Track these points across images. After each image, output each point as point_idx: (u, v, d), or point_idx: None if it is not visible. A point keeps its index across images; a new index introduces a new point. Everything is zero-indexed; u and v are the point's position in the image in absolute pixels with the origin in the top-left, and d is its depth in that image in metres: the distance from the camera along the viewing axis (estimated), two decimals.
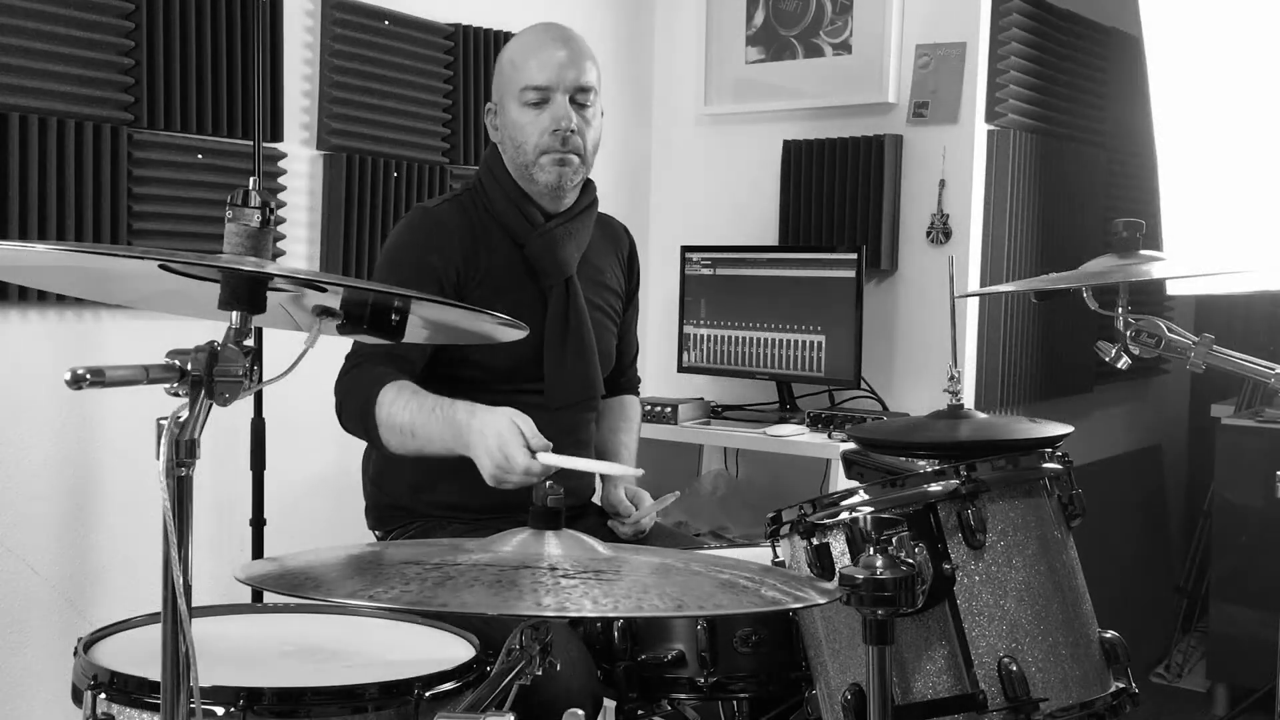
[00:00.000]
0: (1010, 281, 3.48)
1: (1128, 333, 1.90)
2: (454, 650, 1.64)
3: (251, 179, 2.51)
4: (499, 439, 1.88)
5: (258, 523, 2.87)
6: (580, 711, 1.28)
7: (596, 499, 2.43)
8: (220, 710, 1.40)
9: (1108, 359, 1.94)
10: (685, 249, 3.74)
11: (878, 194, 3.53)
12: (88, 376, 1.06)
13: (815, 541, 1.64)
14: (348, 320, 1.32)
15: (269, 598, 1.54)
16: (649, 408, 3.50)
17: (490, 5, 3.39)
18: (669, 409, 3.48)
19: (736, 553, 2.13)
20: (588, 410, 2.33)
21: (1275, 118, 3.63)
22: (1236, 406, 3.99)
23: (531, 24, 2.26)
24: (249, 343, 1.21)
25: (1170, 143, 3.86)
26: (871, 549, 1.45)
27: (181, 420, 1.14)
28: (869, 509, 1.61)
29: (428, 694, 1.47)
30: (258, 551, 2.87)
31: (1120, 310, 1.90)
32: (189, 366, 1.14)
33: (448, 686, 1.50)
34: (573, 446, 2.30)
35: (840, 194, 3.59)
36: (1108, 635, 1.70)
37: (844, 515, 1.63)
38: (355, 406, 2.05)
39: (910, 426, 2.26)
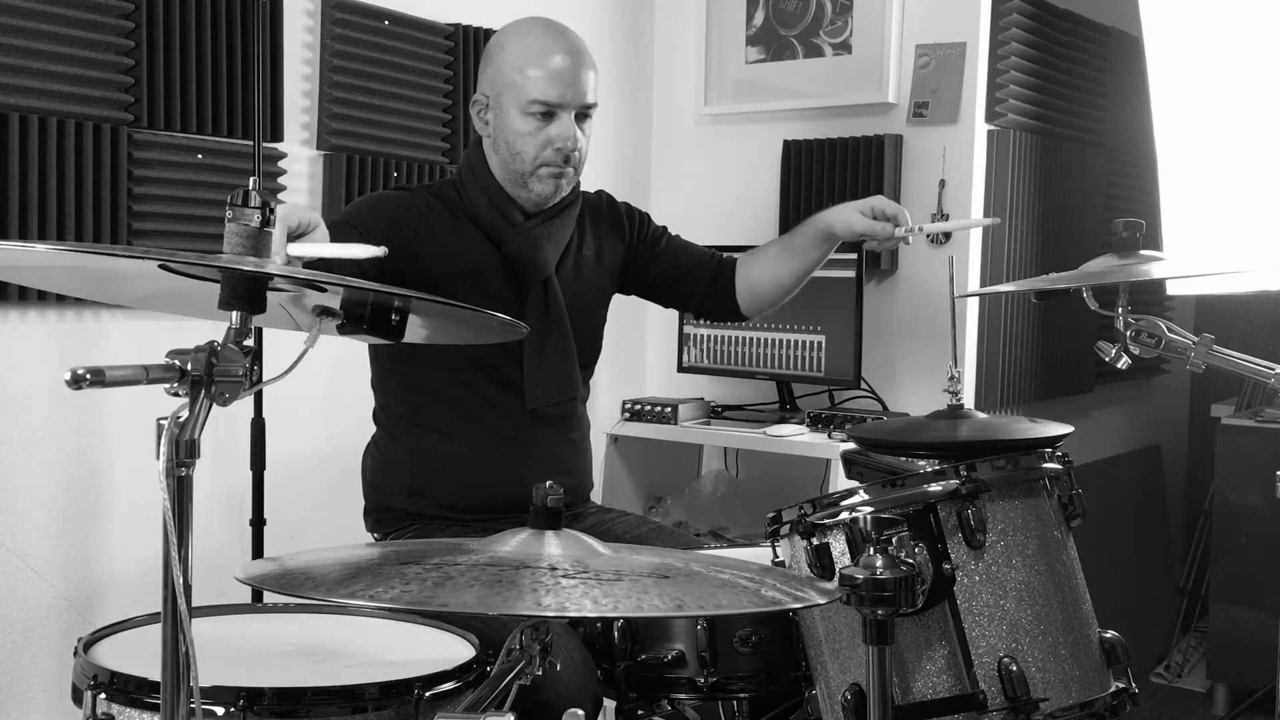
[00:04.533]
0: (1010, 281, 3.48)
1: (1128, 333, 1.90)
2: (454, 650, 1.64)
3: (251, 179, 2.50)
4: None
5: (258, 523, 2.87)
6: (580, 711, 1.28)
7: (596, 497, 2.42)
8: (220, 710, 1.40)
9: (1108, 359, 1.94)
10: None
11: (878, 194, 3.52)
12: (88, 376, 1.06)
13: (815, 541, 1.64)
14: (348, 320, 1.32)
15: (269, 598, 1.54)
16: (649, 407, 3.51)
17: (490, 5, 3.38)
18: (669, 409, 3.48)
19: (736, 553, 2.13)
20: (569, 413, 2.30)
21: (1275, 118, 3.63)
22: (1236, 406, 3.99)
23: (529, 16, 2.23)
24: (249, 343, 1.22)
25: (1170, 143, 3.85)
26: (871, 549, 1.45)
27: (181, 420, 1.14)
28: (869, 509, 1.61)
29: (428, 694, 1.48)
30: (258, 551, 2.87)
31: (1120, 310, 1.90)
32: (189, 366, 1.14)
33: (448, 686, 1.51)
34: (560, 447, 2.28)
35: (840, 194, 3.58)
36: (1108, 635, 1.70)
37: (844, 515, 1.63)
38: None
39: (910, 426, 2.26)
